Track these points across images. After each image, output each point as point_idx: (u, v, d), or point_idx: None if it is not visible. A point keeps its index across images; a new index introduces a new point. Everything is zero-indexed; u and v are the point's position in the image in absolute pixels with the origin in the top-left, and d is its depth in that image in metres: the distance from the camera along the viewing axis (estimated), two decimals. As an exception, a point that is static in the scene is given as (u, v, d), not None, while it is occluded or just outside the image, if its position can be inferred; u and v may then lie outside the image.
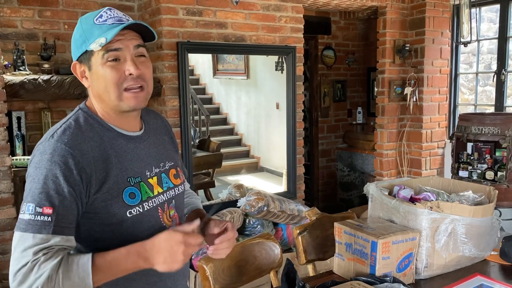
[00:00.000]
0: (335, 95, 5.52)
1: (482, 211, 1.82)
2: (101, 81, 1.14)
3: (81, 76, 1.19)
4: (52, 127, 1.17)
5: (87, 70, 1.16)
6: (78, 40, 1.15)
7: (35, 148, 1.12)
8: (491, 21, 4.97)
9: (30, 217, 1.03)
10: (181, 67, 3.27)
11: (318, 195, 5.57)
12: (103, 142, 1.15)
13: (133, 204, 1.16)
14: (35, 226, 1.02)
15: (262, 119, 5.82)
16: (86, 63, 1.15)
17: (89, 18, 1.16)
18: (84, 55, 1.15)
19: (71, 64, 1.20)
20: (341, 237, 1.86)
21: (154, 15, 3.32)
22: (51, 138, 1.10)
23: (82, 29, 1.15)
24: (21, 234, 1.03)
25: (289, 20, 3.77)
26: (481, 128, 3.70)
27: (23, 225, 1.03)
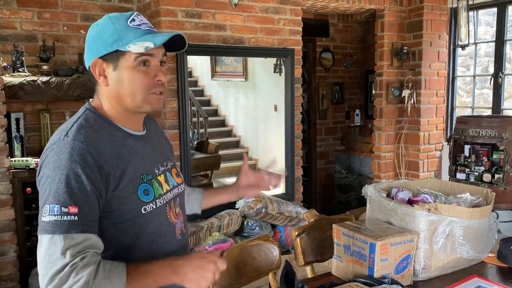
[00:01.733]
0: (333, 98, 5.54)
1: (480, 213, 1.83)
2: (128, 83, 1.15)
3: (99, 74, 1.16)
4: (60, 127, 1.16)
5: (111, 70, 1.15)
6: (108, 38, 1.13)
7: (46, 149, 1.10)
8: (488, 24, 5.00)
9: (57, 218, 1.01)
10: (180, 69, 3.27)
11: (316, 197, 5.58)
12: (115, 141, 1.16)
13: (147, 201, 1.18)
14: (63, 227, 1.01)
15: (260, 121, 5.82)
16: (112, 62, 1.15)
17: (121, 19, 1.16)
18: (112, 54, 1.14)
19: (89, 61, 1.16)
20: (340, 238, 1.87)
21: (153, 17, 3.33)
22: (66, 137, 1.09)
23: (114, 29, 1.14)
24: (50, 236, 1.01)
25: (287, 22, 3.78)
26: (479, 131, 3.72)
27: (50, 227, 1.01)
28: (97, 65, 1.16)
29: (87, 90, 3.10)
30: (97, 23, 1.18)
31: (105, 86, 1.17)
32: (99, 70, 1.16)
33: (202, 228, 3.17)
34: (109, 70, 1.16)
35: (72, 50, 3.42)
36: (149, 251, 1.21)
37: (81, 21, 3.43)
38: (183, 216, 1.37)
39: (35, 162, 3.05)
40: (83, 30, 3.44)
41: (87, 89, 3.10)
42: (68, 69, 3.27)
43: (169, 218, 1.27)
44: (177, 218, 1.32)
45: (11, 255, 2.97)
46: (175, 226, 1.30)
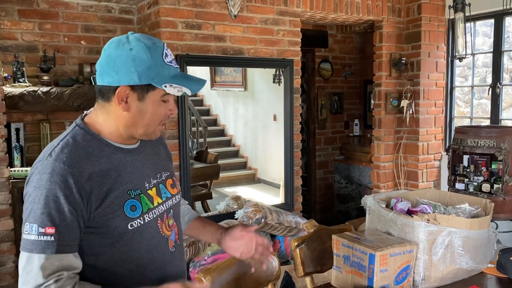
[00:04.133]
0: (332, 107, 5.56)
1: (479, 223, 1.84)
2: (149, 115, 1.17)
3: (121, 99, 1.14)
4: (50, 143, 1.17)
5: (135, 99, 1.14)
6: (145, 71, 1.12)
7: (33, 166, 1.12)
8: (485, 35, 5.04)
9: (34, 237, 1.04)
10: (180, 80, 3.29)
11: (316, 207, 5.57)
12: (102, 157, 1.16)
13: (134, 217, 1.18)
14: (39, 246, 1.04)
15: (260, 131, 5.84)
16: (139, 93, 1.14)
17: (156, 51, 1.14)
18: (144, 85, 1.13)
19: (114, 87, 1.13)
20: (339, 249, 1.87)
21: (154, 28, 3.36)
22: (49, 157, 1.10)
23: (152, 63, 1.12)
24: (28, 255, 1.04)
25: (286, 33, 3.81)
26: (477, 141, 3.73)
27: (29, 245, 1.05)
28: (122, 91, 1.13)
29: (87, 100, 3.11)
30: (129, 46, 1.12)
31: (123, 111, 1.15)
32: (123, 96, 1.14)
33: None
34: (133, 99, 1.14)
35: (72, 61, 3.44)
36: (140, 265, 1.21)
37: (81, 32, 3.46)
38: (178, 227, 1.36)
39: (34, 172, 3.05)
40: (83, 41, 3.46)
41: (87, 99, 3.11)
42: (68, 80, 3.29)
43: (161, 231, 1.26)
44: (170, 231, 1.30)
45: (10, 266, 2.96)
46: (168, 238, 1.29)
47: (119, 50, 1.13)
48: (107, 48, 1.16)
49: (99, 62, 1.16)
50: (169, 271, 1.29)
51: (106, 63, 1.14)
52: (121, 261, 1.18)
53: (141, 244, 1.20)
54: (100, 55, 1.17)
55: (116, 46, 1.14)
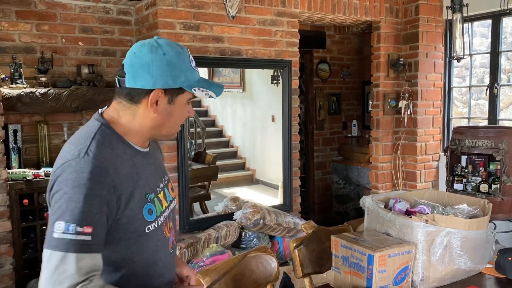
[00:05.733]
0: (330, 108, 5.57)
1: (477, 224, 1.84)
2: (176, 117, 1.22)
3: (152, 102, 1.16)
4: (75, 142, 1.14)
5: (165, 102, 1.18)
6: (178, 75, 1.16)
7: (63, 164, 1.09)
8: (483, 35, 5.05)
9: (71, 236, 1.02)
10: (178, 81, 3.29)
11: (314, 208, 5.57)
12: (126, 159, 1.17)
13: (151, 220, 1.20)
14: (77, 246, 1.02)
15: (258, 132, 5.84)
16: (170, 96, 1.18)
17: (186, 57, 1.20)
18: (174, 89, 1.17)
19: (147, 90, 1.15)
20: (338, 250, 1.87)
21: (152, 29, 3.36)
22: (86, 155, 1.09)
23: (184, 67, 1.18)
24: (62, 254, 1.02)
25: (284, 34, 3.81)
26: (475, 141, 3.74)
27: (63, 244, 1.02)
28: (154, 94, 1.16)
29: (85, 102, 3.11)
30: (162, 50, 1.15)
31: (152, 112, 1.17)
32: (155, 99, 1.16)
33: (199, 240, 3.16)
34: (163, 102, 1.17)
35: (70, 62, 3.44)
36: (146, 265, 1.23)
37: (79, 33, 3.45)
38: (174, 229, 1.39)
39: (32, 174, 3.04)
40: (81, 42, 3.46)
41: (85, 101, 3.10)
42: (66, 81, 3.28)
43: (165, 234, 1.29)
44: (170, 233, 1.33)
45: (7, 268, 2.95)
46: (168, 240, 1.32)
47: (152, 54, 1.15)
48: (137, 52, 1.17)
49: (131, 65, 1.16)
50: (167, 271, 1.32)
51: (140, 67, 1.15)
52: (131, 261, 1.19)
53: (151, 246, 1.23)
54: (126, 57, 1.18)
55: (148, 50, 1.16)
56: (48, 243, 1.04)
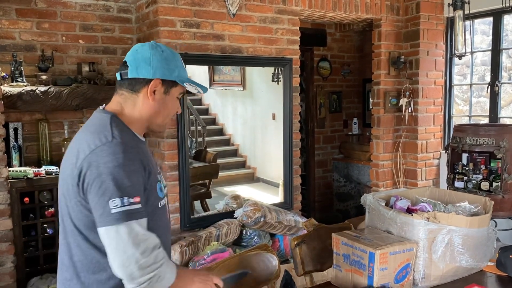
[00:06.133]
0: (331, 106, 5.56)
1: (479, 221, 1.84)
2: (167, 108, 1.39)
3: (151, 90, 1.34)
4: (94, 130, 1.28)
5: (162, 92, 1.36)
6: (173, 69, 1.35)
7: (94, 149, 1.22)
8: (484, 33, 5.05)
9: (127, 208, 1.19)
10: (179, 79, 3.28)
11: (315, 206, 5.57)
12: (134, 146, 1.31)
13: (162, 197, 1.39)
14: (134, 214, 1.20)
15: (258, 130, 5.83)
16: (166, 87, 1.36)
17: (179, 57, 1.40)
18: (169, 81, 1.36)
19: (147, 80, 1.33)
20: (339, 248, 1.86)
21: (152, 27, 3.35)
22: (114, 139, 1.24)
23: (178, 64, 1.38)
24: (127, 223, 1.18)
25: (285, 32, 3.81)
26: (476, 139, 3.73)
27: (125, 216, 1.19)
28: (154, 83, 1.34)
29: (85, 100, 3.10)
30: (161, 49, 1.35)
31: (150, 100, 1.35)
32: (154, 87, 1.34)
33: (200, 238, 3.16)
34: (160, 91, 1.35)
35: (71, 60, 3.43)
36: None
37: (80, 31, 3.44)
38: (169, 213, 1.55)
39: (33, 172, 3.04)
40: (81, 40, 3.45)
41: (86, 99, 3.10)
42: (66, 79, 3.27)
43: (167, 215, 1.48)
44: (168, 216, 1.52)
45: (8, 266, 2.95)
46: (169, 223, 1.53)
47: (153, 50, 1.34)
48: (139, 49, 1.36)
49: (134, 59, 1.34)
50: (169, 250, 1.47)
51: (142, 60, 1.33)
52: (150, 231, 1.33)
53: (163, 220, 1.41)
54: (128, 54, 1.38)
55: (149, 47, 1.35)
56: (107, 221, 1.18)
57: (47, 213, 3.12)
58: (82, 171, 1.20)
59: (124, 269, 1.18)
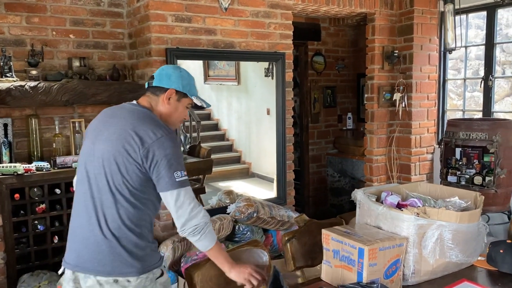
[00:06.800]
0: (325, 101, 5.54)
1: (469, 217, 1.83)
2: (178, 111, 1.83)
3: (167, 98, 1.79)
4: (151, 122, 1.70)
5: (175, 100, 1.80)
6: (186, 85, 1.81)
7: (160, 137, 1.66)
8: (478, 27, 5.03)
9: (185, 178, 1.68)
10: (170, 74, 3.25)
11: (309, 201, 5.57)
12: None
13: None
14: (187, 182, 1.70)
15: (253, 125, 5.80)
16: (178, 96, 1.81)
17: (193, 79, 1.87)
18: (181, 93, 1.80)
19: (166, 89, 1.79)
20: (329, 243, 1.85)
21: (143, 21, 3.32)
22: (169, 133, 1.71)
23: (190, 83, 1.84)
24: (186, 188, 1.68)
25: (278, 26, 3.78)
26: (469, 134, 3.73)
27: (185, 183, 1.68)
28: (170, 92, 1.79)
29: (76, 95, 3.07)
30: (179, 70, 1.85)
31: (166, 104, 1.80)
32: (170, 95, 1.79)
33: (193, 234, 3.15)
34: (173, 99, 1.80)
35: (61, 55, 3.39)
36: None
37: (70, 26, 3.40)
38: None
39: (23, 168, 3.01)
40: (72, 35, 3.41)
41: (76, 94, 3.07)
42: (57, 74, 3.24)
43: None
44: None
45: (-1, 263, 2.94)
46: None
47: (173, 70, 1.84)
48: (165, 68, 1.86)
49: (159, 74, 1.82)
50: None
51: (165, 75, 1.81)
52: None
53: None
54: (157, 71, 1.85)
55: (171, 68, 1.87)
56: (174, 185, 1.65)
57: (38, 209, 3.09)
58: (150, 151, 1.63)
59: (179, 219, 1.67)
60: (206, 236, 1.72)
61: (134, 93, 3.32)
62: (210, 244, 1.75)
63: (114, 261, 1.64)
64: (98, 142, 1.71)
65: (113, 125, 1.71)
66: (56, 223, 3.18)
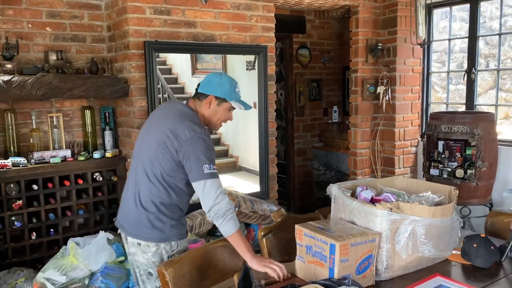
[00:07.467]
0: (310, 94, 5.52)
1: (442, 211, 1.82)
2: (219, 115, 2.09)
3: (208, 102, 2.04)
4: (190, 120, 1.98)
5: (215, 104, 2.05)
6: (225, 91, 2.04)
7: (193, 136, 1.92)
8: (462, 20, 5.03)
9: (213, 171, 1.91)
10: (149, 67, 3.20)
11: (295, 194, 5.56)
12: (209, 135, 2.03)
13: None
14: (215, 174, 1.92)
15: (240, 119, 5.77)
16: (218, 101, 2.05)
17: (233, 84, 2.08)
18: (221, 98, 2.04)
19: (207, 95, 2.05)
20: (302, 239, 1.84)
21: (121, 14, 3.26)
22: (203, 131, 1.97)
23: (229, 88, 2.05)
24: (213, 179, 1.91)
25: (260, 19, 3.73)
26: (451, 127, 3.73)
27: (213, 175, 1.91)
28: (210, 98, 2.04)
29: (51, 89, 3.01)
30: (220, 77, 2.07)
31: (207, 108, 2.06)
32: (210, 100, 2.04)
33: (173, 229, 3.12)
34: (214, 104, 2.05)
35: (37, 48, 3.32)
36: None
37: (46, 18, 3.33)
38: None
39: (0, 163, 2.96)
40: (49, 27, 3.34)
41: (52, 88, 3.00)
42: (33, 68, 3.17)
43: None
44: None
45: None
46: None
47: (214, 77, 2.07)
48: (209, 76, 2.09)
49: (203, 81, 2.08)
50: None
51: (207, 82, 2.07)
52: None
53: None
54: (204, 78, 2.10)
55: (214, 76, 2.08)
56: (204, 177, 1.89)
57: (15, 205, 3.04)
58: (183, 147, 1.91)
59: (206, 205, 1.91)
60: (229, 221, 1.91)
61: (113, 87, 3.27)
62: (232, 230, 1.92)
63: (138, 227, 2.01)
64: (150, 132, 2.06)
65: (162, 120, 2.05)
66: (34, 220, 3.13)
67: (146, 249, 2.02)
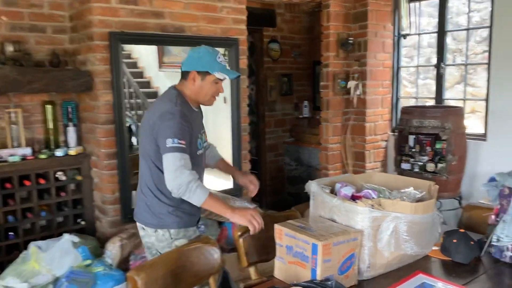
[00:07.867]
0: (281, 89, 5.45)
1: (423, 207, 1.79)
2: (205, 89, 2.04)
3: (191, 78, 2.01)
4: (167, 98, 2.01)
5: (199, 79, 2.02)
6: (205, 64, 2.00)
7: (164, 111, 1.93)
8: (430, 15, 5.08)
9: (176, 145, 1.87)
10: (114, 59, 3.04)
11: (267, 190, 5.50)
12: (188, 113, 2.00)
13: (199, 148, 2.09)
14: (180, 148, 1.87)
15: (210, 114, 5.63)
16: (201, 76, 2.01)
17: (213, 54, 2.02)
18: (204, 72, 2.00)
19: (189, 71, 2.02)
20: (282, 239, 1.76)
21: (84, 3, 3.07)
22: (176, 106, 1.95)
23: (209, 60, 2.00)
24: (176, 154, 1.86)
25: (231, 11, 3.62)
26: (422, 121, 3.76)
27: (176, 149, 1.87)
28: (192, 74, 2.01)
29: (8, 83, 2.80)
30: (198, 51, 2.04)
31: (191, 86, 2.03)
32: (193, 76, 2.02)
33: (142, 229, 2.98)
34: (198, 79, 2.02)
35: (-8, 39, 3.09)
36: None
37: (2, 6, 3.10)
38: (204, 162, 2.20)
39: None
40: (4, 16, 3.11)
41: (8, 82, 2.80)
42: (-15, 57, 2.95)
43: (203, 161, 2.17)
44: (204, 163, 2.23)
45: None
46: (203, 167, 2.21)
47: (192, 52, 2.05)
48: (189, 51, 2.07)
49: (184, 59, 2.06)
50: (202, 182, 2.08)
51: (187, 59, 2.05)
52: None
53: (200, 164, 2.10)
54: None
55: (191, 51, 2.06)
56: (166, 150, 1.87)
57: (-31, 208, 2.83)
58: (155, 124, 1.92)
59: (168, 181, 1.87)
60: (195, 191, 1.86)
61: (76, 81, 3.08)
62: (202, 197, 1.88)
63: (141, 212, 2.09)
64: (143, 120, 2.10)
65: (150, 107, 2.12)
66: (-9, 223, 2.93)
67: (150, 233, 2.07)
